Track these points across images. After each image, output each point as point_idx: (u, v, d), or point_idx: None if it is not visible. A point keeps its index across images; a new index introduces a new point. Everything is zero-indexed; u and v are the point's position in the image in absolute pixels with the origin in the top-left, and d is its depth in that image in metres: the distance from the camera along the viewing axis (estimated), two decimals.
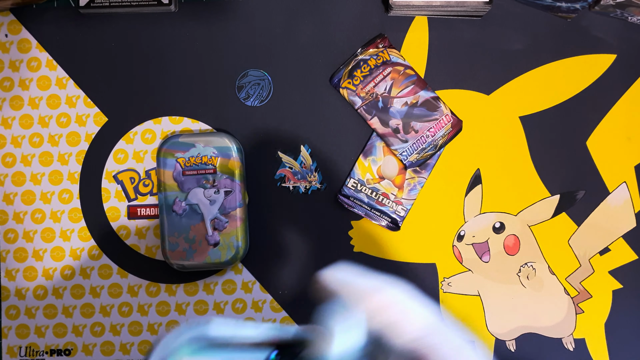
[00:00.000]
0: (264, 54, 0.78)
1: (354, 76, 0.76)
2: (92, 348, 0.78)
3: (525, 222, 0.78)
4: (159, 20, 0.78)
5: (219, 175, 0.75)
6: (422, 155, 0.76)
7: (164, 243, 0.75)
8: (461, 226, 0.78)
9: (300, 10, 0.78)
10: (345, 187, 0.77)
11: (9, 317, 0.78)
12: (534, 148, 0.78)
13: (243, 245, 0.75)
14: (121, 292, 0.78)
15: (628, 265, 0.78)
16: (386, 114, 0.76)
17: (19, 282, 0.78)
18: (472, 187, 0.78)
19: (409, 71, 0.76)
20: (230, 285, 0.78)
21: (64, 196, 0.78)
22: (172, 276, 0.78)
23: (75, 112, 0.78)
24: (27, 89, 0.78)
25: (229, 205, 0.75)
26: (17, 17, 0.78)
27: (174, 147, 0.75)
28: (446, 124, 0.76)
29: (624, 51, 0.77)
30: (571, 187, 0.78)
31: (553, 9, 0.76)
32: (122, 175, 0.78)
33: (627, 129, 0.78)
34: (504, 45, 0.78)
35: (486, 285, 0.78)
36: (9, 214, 0.78)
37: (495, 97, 0.78)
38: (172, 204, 0.75)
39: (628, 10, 0.75)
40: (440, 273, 0.78)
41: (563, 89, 0.78)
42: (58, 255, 0.78)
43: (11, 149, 0.78)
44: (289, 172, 0.78)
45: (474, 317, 0.78)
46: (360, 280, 0.41)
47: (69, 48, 0.78)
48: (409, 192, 0.77)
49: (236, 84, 0.78)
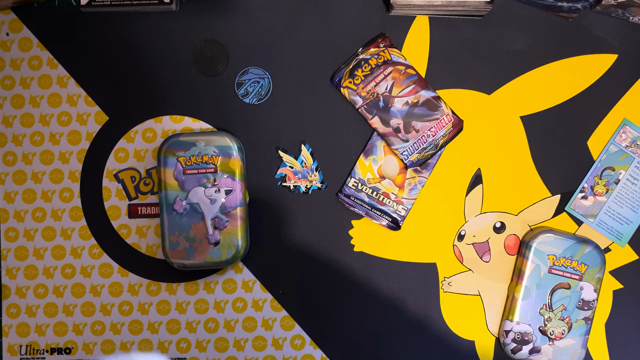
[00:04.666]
0: (265, 53, 0.78)
1: (355, 75, 0.76)
2: (93, 347, 0.78)
3: (525, 222, 0.78)
4: (160, 19, 0.78)
5: (220, 174, 0.75)
6: (423, 154, 0.76)
7: (165, 242, 0.75)
8: (462, 226, 0.78)
9: (301, 9, 0.78)
10: (346, 186, 0.77)
11: (9, 316, 0.78)
12: (534, 148, 0.78)
13: (243, 244, 0.75)
14: (122, 291, 0.78)
15: (628, 265, 0.78)
16: (387, 113, 0.76)
17: (20, 280, 0.78)
18: (473, 187, 0.78)
19: (410, 71, 0.76)
20: (231, 284, 0.78)
21: (64, 195, 0.78)
22: (172, 275, 0.78)
23: (76, 110, 0.78)
24: (28, 88, 0.78)
25: (230, 204, 0.75)
26: (18, 16, 0.78)
27: (175, 146, 0.75)
28: (447, 123, 0.76)
29: (625, 51, 0.77)
30: (572, 187, 0.78)
31: (554, 8, 0.76)
32: (122, 174, 0.78)
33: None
34: (505, 45, 0.78)
35: (486, 285, 0.78)
36: (10, 212, 0.78)
37: (496, 96, 0.78)
38: (173, 202, 0.75)
39: (629, 10, 0.75)
40: (440, 272, 0.78)
41: (564, 88, 0.78)
42: (59, 254, 0.78)
43: (12, 148, 0.78)
44: (290, 172, 0.78)
45: (474, 317, 0.78)
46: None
47: (70, 47, 0.78)
48: (410, 191, 0.77)
49: (236, 80, 0.78)
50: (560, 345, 0.75)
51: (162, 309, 0.78)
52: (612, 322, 0.78)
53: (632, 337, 0.78)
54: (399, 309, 0.78)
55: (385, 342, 0.78)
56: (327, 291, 0.78)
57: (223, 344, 0.78)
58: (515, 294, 0.75)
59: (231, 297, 0.78)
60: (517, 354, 0.75)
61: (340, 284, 0.78)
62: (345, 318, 0.78)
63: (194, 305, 0.78)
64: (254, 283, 0.78)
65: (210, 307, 0.79)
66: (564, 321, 0.75)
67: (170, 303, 0.78)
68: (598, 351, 0.78)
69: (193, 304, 0.78)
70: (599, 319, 0.78)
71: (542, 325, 0.75)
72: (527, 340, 0.75)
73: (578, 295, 0.75)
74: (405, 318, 0.78)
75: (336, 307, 0.78)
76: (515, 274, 0.77)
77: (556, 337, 0.75)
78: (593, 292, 0.75)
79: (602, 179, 0.77)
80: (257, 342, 0.78)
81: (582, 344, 0.75)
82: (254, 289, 0.78)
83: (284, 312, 0.78)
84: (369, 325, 0.78)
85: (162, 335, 0.78)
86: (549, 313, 0.75)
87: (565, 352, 0.75)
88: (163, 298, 0.78)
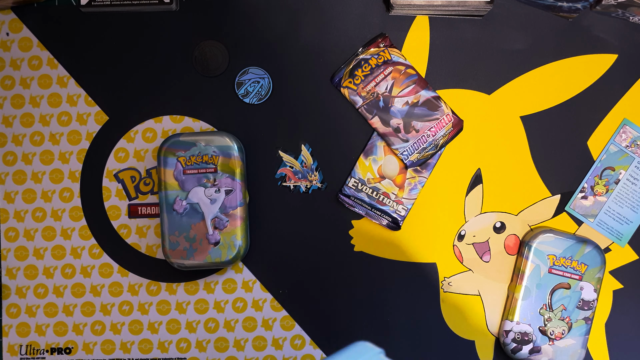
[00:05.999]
0: (265, 53, 0.78)
1: (355, 75, 0.76)
2: (93, 347, 0.78)
3: (525, 222, 0.78)
4: (160, 19, 0.78)
5: (220, 174, 0.75)
6: (423, 154, 0.76)
7: (165, 242, 0.75)
8: (462, 226, 0.78)
9: (302, 9, 0.78)
10: (346, 186, 0.77)
11: (9, 316, 0.78)
12: (534, 148, 0.78)
13: (243, 244, 0.75)
14: (122, 291, 0.78)
15: (628, 265, 0.78)
16: (387, 113, 0.76)
17: (20, 280, 0.78)
18: (473, 187, 0.78)
19: (410, 70, 0.76)
20: (231, 284, 0.78)
21: (64, 195, 0.78)
22: (172, 275, 0.78)
23: (76, 110, 0.78)
24: (28, 88, 0.78)
25: (230, 204, 0.75)
26: (18, 16, 0.78)
27: (175, 146, 0.75)
28: (447, 123, 0.76)
29: (625, 51, 0.77)
30: (572, 187, 0.78)
31: (554, 8, 0.76)
32: (122, 174, 0.78)
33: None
34: (505, 45, 0.78)
35: (487, 285, 0.78)
36: (10, 212, 0.78)
37: (496, 96, 0.78)
38: (173, 202, 0.75)
39: (629, 10, 0.75)
40: (440, 272, 0.78)
41: (564, 88, 0.78)
42: (59, 254, 0.78)
43: (12, 148, 0.78)
44: (290, 172, 0.78)
45: (474, 317, 0.78)
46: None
47: (70, 47, 0.78)
48: (410, 191, 0.77)
49: (236, 80, 0.78)
50: (560, 345, 0.75)
51: (162, 309, 0.78)
52: (612, 322, 0.78)
53: (632, 337, 0.78)
54: (399, 309, 0.78)
55: (385, 342, 0.78)
56: (327, 291, 0.78)
57: (223, 344, 0.79)
58: (515, 294, 0.75)
59: (231, 297, 0.78)
60: (517, 354, 0.75)
61: (340, 284, 0.78)
62: (345, 318, 0.78)
63: (194, 305, 0.78)
64: (254, 283, 0.78)
65: (210, 307, 0.79)
66: (564, 321, 0.75)
67: (170, 303, 0.78)
68: (598, 351, 0.78)
69: (193, 304, 0.78)
70: (599, 319, 0.78)
71: (542, 325, 0.75)
72: (527, 340, 0.75)
73: (578, 295, 0.75)
74: (405, 318, 0.78)
75: (336, 307, 0.78)
76: (515, 274, 0.77)
77: (556, 337, 0.75)
78: (593, 292, 0.75)
79: (602, 179, 0.77)
80: (257, 342, 0.78)
81: (582, 344, 0.75)
82: (254, 289, 0.78)
83: (284, 312, 0.78)
84: (369, 325, 0.78)
85: (162, 335, 0.79)
86: (549, 313, 0.75)
87: (565, 352, 0.75)
88: (163, 298, 0.78)
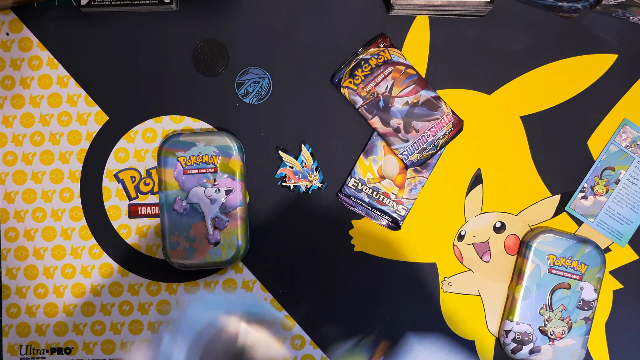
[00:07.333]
0: (265, 53, 0.78)
1: (355, 75, 0.76)
2: (93, 347, 0.78)
3: (526, 222, 0.78)
4: (160, 19, 0.78)
5: (220, 174, 0.75)
6: (423, 154, 0.76)
7: (165, 242, 0.75)
8: (462, 226, 0.78)
9: (301, 9, 0.78)
10: (346, 186, 0.77)
11: (9, 316, 0.78)
12: (534, 148, 0.78)
13: (243, 244, 0.75)
14: (122, 291, 0.78)
15: (628, 265, 0.78)
16: (387, 113, 0.76)
17: (20, 280, 0.78)
18: (473, 187, 0.78)
19: (410, 70, 0.76)
20: (231, 284, 0.78)
21: (64, 195, 0.78)
22: (172, 275, 0.78)
23: (76, 110, 0.78)
24: (28, 88, 0.78)
25: (230, 204, 0.75)
26: (18, 16, 0.78)
27: (175, 146, 0.75)
28: (447, 123, 0.76)
29: (625, 51, 0.77)
30: (572, 187, 0.78)
31: (554, 8, 0.76)
32: (123, 174, 0.78)
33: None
34: (505, 45, 0.78)
35: (487, 285, 0.78)
36: (10, 212, 0.78)
37: (496, 96, 0.78)
38: (173, 202, 0.75)
39: (629, 10, 0.75)
40: (440, 272, 0.78)
41: (564, 88, 0.78)
42: (59, 254, 0.78)
43: (12, 148, 0.78)
44: (290, 172, 0.78)
45: (474, 317, 0.78)
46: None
47: (70, 47, 0.78)
48: (410, 191, 0.77)
49: (236, 80, 0.78)
50: (560, 345, 0.75)
51: (162, 309, 0.78)
52: (612, 322, 0.78)
53: (632, 337, 0.78)
54: (399, 309, 0.78)
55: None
56: (327, 291, 0.78)
57: None
58: (515, 294, 0.75)
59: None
60: (517, 354, 0.75)
61: (340, 284, 0.78)
62: (345, 318, 0.78)
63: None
64: (254, 283, 0.78)
65: None
66: (564, 321, 0.75)
67: (170, 303, 0.78)
68: (598, 351, 0.78)
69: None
70: (599, 319, 0.78)
71: (542, 325, 0.75)
72: (527, 340, 0.75)
73: (578, 295, 0.75)
74: (405, 318, 0.78)
75: (336, 307, 0.78)
76: (515, 274, 0.77)
77: (556, 337, 0.75)
78: (593, 292, 0.75)
79: (602, 179, 0.77)
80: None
81: (582, 344, 0.75)
82: (254, 289, 0.78)
83: (285, 311, 0.78)
84: (369, 325, 0.78)
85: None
86: (549, 313, 0.75)
87: (565, 352, 0.75)
88: (163, 298, 0.78)
